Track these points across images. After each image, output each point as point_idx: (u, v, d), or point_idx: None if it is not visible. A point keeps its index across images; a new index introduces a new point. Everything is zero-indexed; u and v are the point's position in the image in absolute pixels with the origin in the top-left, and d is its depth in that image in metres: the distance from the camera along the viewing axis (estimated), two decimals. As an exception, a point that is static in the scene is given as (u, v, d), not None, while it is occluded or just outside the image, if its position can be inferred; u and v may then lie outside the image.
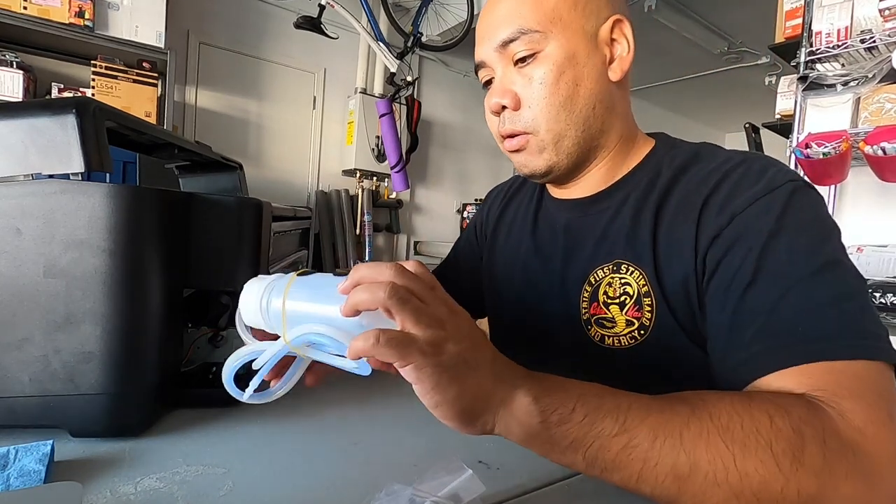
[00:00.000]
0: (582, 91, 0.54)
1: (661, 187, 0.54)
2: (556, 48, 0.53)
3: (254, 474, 0.38)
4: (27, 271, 0.39)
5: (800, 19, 1.98)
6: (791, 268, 0.43)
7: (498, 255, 0.73)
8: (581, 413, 0.34)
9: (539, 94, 0.54)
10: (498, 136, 0.60)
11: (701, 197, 0.50)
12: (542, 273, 0.64)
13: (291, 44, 3.27)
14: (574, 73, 0.54)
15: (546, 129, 0.55)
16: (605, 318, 0.55)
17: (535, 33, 0.53)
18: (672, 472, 0.33)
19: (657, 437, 0.34)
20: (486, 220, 0.80)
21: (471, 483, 0.33)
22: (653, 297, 0.52)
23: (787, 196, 0.46)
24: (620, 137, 0.59)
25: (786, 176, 0.48)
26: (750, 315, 0.43)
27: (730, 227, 0.47)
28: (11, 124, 0.40)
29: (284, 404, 0.52)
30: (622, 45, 0.56)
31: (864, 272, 1.84)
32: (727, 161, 0.52)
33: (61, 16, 2.18)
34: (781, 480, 0.33)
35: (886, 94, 1.76)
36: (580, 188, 0.62)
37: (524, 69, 0.55)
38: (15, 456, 0.34)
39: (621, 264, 0.55)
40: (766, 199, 0.46)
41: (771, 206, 0.46)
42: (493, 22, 0.56)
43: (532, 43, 0.54)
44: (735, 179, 0.49)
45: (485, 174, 4.43)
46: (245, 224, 0.48)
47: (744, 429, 0.34)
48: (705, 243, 0.49)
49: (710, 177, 0.51)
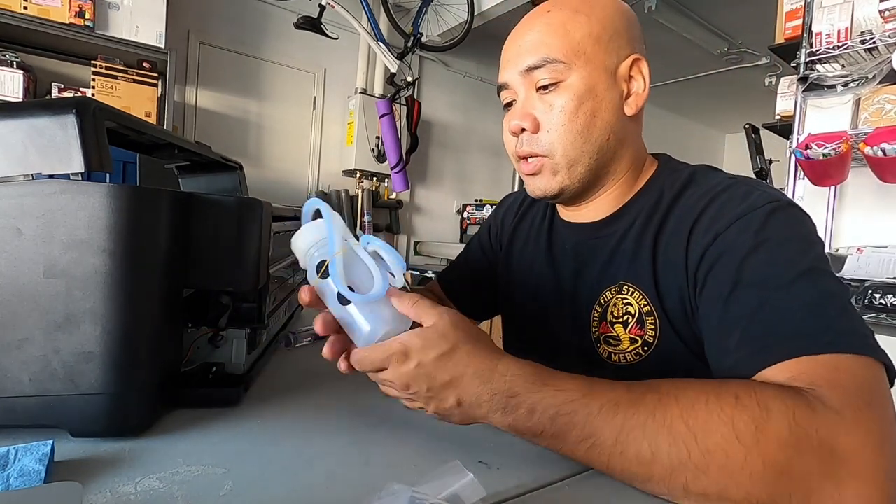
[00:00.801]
0: (598, 122, 0.57)
1: (661, 211, 0.58)
2: (577, 79, 0.56)
3: (254, 474, 0.38)
4: (27, 271, 0.39)
5: (800, 20, 1.98)
6: (769, 278, 0.46)
7: (514, 266, 0.77)
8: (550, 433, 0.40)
9: (558, 120, 0.57)
10: (514, 155, 0.63)
11: (691, 219, 0.54)
12: (555, 291, 0.68)
13: (291, 44, 3.27)
14: (592, 104, 0.57)
15: (562, 154, 0.58)
16: (612, 337, 0.60)
17: (560, 63, 0.56)
18: (636, 459, 0.38)
19: (620, 432, 0.38)
20: (501, 227, 0.83)
21: (471, 487, 0.33)
22: (655, 315, 0.56)
23: (765, 215, 0.49)
24: (630, 166, 0.63)
25: (767, 197, 0.51)
26: (732, 322, 0.46)
27: (713, 246, 0.51)
28: (11, 124, 0.40)
29: (284, 404, 0.52)
30: (639, 82, 0.59)
31: (864, 273, 1.85)
32: (717, 185, 0.56)
33: (61, 16, 2.18)
34: (742, 451, 0.35)
35: (886, 95, 1.76)
36: (589, 212, 0.65)
37: (545, 96, 0.58)
38: (15, 456, 0.34)
39: (623, 285, 0.59)
40: (745, 218, 0.50)
41: (750, 223, 0.49)
42: (521, 48, 0.59)
43: (556, 72, 0.57)
44: (721, 202, 0.53)
45: (485, 174, 4.43)
46: (245, 224, 0.48)
47: (707, 407, 0.37)
48: (694, 262, 0.52)
49: (699, 201, 0.55)
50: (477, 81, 4.26)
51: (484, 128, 4.35)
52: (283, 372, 0.64)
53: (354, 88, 3.46)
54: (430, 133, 4.02)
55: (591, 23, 0.57)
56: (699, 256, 0.52)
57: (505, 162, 4.46)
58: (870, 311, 1.64)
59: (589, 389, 0.40)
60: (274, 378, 0.61)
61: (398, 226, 3.85)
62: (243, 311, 0.55)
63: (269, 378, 0.60)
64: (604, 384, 0.41)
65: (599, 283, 0.61)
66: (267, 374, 0.62)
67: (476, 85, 4.26)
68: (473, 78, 4.23)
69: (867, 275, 1.77)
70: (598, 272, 0.62)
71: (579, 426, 0.39)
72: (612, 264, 0.61)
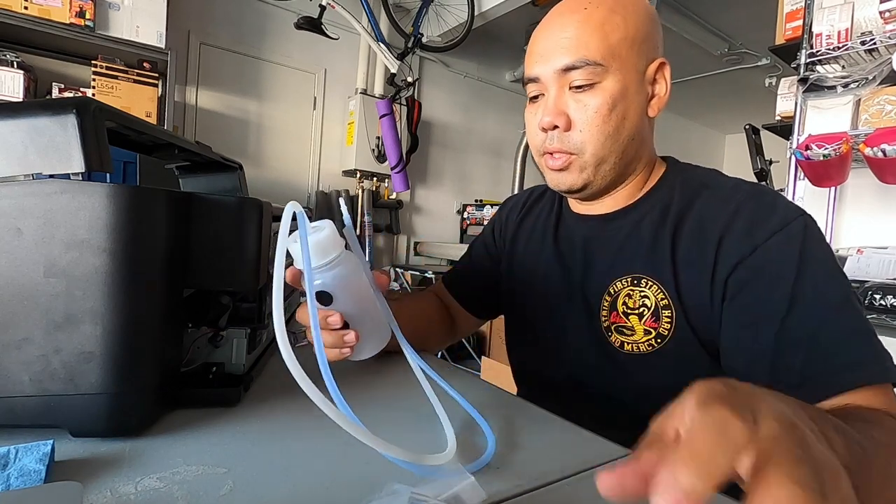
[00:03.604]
0: (627, 124, 0.59)
1: (675, 211, 0.61)
2: (613, 82, 0.58)
3: (254, 474, 0.38)
4: (27, 271, 0.39)
5: (800, 21, 1.98)
6: (823, 297, 0.50)
7: (518, 262, 0.78)
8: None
9: (592, 121, 0.58)
10: (539, 150, 0.64)
11: (718, 224, 0.56)
12: (563, 282, 0.69)
13: (292, 44, 3.27)
14: (624, 106, 0.58)
15: (591, 153, 0.60)
16: (625, 327, 0.61)
17: (598, 66, 0.57)
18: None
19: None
20: (504, 225, 0.84)
21: (472, 489, 0.33)
22: (672, 309, 0.58)
23: (802, 230, 0.53)
24: (646, 164, 0.65)
25: (794, 209, 0.55)
26: (794, 343, 0.49)
27: (753, 256, 0.53)
28: (11, 124, 0.40)
29: (284, 404, 0.52)
30: (661, 85, 0.61)
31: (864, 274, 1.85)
32: (737, 191, 0.58)
33: (62, 16, 2.19)
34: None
35: (887, 96, 1.76)
36: (602, 205, 0.67)
37: (579, 95, 0.59)
38: (15, 456, 0.34)
39: (641, 279, 0.61)
40: (784, 232, 0.53)
41: (790, 239, 0.52)
42: (557, 45, 0.58)
43: (593, 74, 0.57)
44: (751, 210, 0.56)
45: (485, 174, 4.43)
46: (245, 224, 0.48)
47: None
48: (727, 268, 0.54)
49: (724, 205, 0.57)
50: (477, 81, 4.26)
51: (484, 128, 4.35)
52: (283, 372, 0.64)
53: (355, 88, 3.46)
54: (430, 133, 4.02)
55: (626, 25, 0.57)
56: (733, 264, 0.54)
57: (505, 162, 4.46)
58: (870, 311, 1.64)
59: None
60: (274, 378, 0.61)
61: (398, 226, 3.85)
62: (243, 311, 0.55)
63: (269, 378, 0.60)
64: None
65: (610, 273, 0.63)
66: (267, 374, 0.62)
67: (476, 85, 4.26)
68: (474, 78, 4.23)
69: (867, 276, 1.77)
70: (608, 262, 0.64)
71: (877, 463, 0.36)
72: (623, 255, 0.63)
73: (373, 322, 0.49)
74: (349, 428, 0.32)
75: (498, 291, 0.82)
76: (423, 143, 3.70)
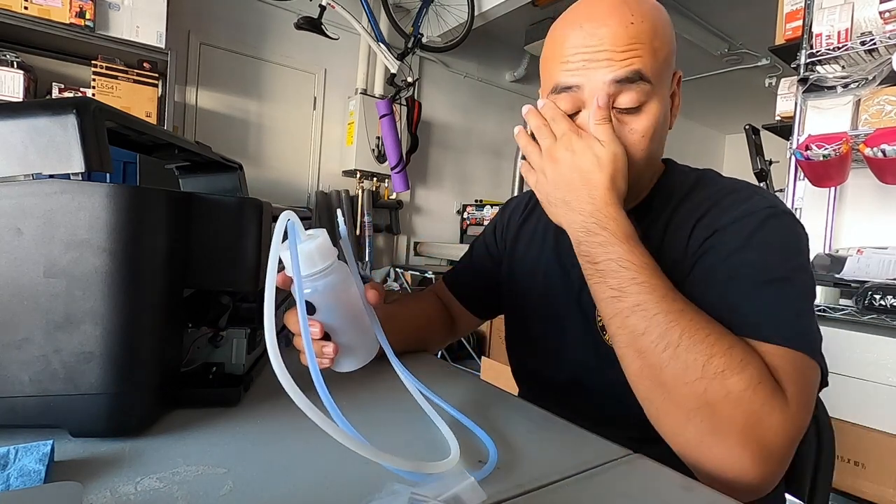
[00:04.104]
0: (660, 145, 0.59)
1: (668, 211, 0.61)
2: (657, 104, 0.54)
3: (254, 474, 0.38)
4: (27, 271, 0.39)
5: (800, 21, 1.98)
6: (743, 278, 0.51)
7: (518, 262, 0.78)
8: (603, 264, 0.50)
9: (638, 145, 0.55)
10: None
11: (696, 216, 0.58)
12: (562, 284, 0.69)
13: (292, 44, 3.27)
14: (663, 129, 0.58)
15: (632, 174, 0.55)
16: None
17: (649, 85, 0.53)
18: (632, 328, 0.48)
19: (637, 305, 0.47)
20: (506, 227, 0.84)
21: (472, 490, 0.33)
22: None
23: (760, 220, 0.53)
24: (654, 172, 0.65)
25: (766, 203, 0.55)
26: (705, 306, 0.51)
27: (711, 238, 0.55)
28: (11, 124, 0.40)
29: (284, 404, 0.52)
30: (677, 96, 0.61)
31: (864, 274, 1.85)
32: (721, 189, 0.59)
33: (62, 16, 2.18)
34: (697, 377, 0.44)
35: (886, 97, 1.76)
36: None
37: (624, 116, 0.54)
38: (15, 456, 0.34)
39: None
40: (743, 220, 0.54)
41: (745, 226, 0.53)
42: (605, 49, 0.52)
43: (643, 94, 0.53)
44: (725, 204, 0.57)
45: (485, 175, 4.43)
46: (245, 224, 0.48)
47: (707, 337, 0.45)
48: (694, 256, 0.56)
49: (705, 200, 0.58)
50: (477, 82, 4.26)
51: (484, 128, 4.35)
52: (282, 372, 0.64)
53: (355, 89, 3.46)
54: (430, 133, 4.02)
55: (665, 43, 0.54)
56: (697, 247, 0.56)
57: (505, 162, 4.46)
58: (870, 312, 1.64)
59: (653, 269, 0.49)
60: (274, 378, 0.60)
61: (398, 226, 3.85)
62: (243, 311, 0.55)
63: (269, 378, 0.60)
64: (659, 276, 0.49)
65: None
66: (267, 374, 0.62)
67: (476, 85, 4.26)
68: (474, 78, 4.23)
69: (867, 276, 1.77)
70: None
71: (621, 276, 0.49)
72: None
73: (358, 335, 0.47)
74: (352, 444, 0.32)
75: (498, 292, 0.82)
76: (423, 143, 3.69)
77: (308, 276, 0.42)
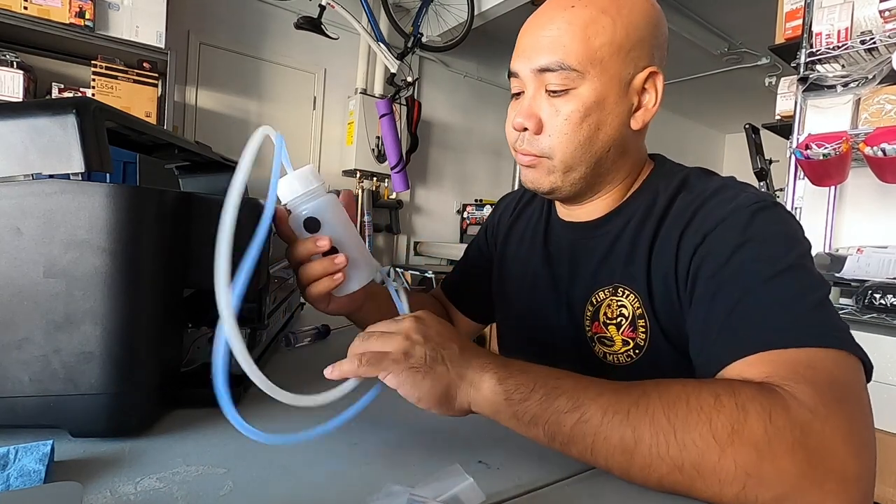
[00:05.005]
0: (601, 135, 0.56)
1: (656, 214, 0.58)
2: (588, 90, 0.55)
3: (254, 474, 0.38)
4: (27, 271, 0.39)
5: (800, 20, 1.98)
6: (751, 274, 0.47)
7: (509, 265, 0.76)
8: (540, 392, 0.40)
9: (561, 128, 0.56)
10: (512, 147, 0.62)
11: (682, 223, 0.55)
12: (550, 289, 0.67)
13: (292, 44, 3.27)
14: (599, 117, 0.55)
15: (560, 160, 0.57)
16: (605, 337, 0.60)
17: (573, 71, 0.54)
18: (620, 446, 0.38)
19: (606, 413, 0.39)
20: (497, 226, 0.82)
21: (471, 490, 0.33)
22: (646, 318, 0.56)
23: (750, 214, 0.51)
24: (629, 173, 0.62)
25: (753, 198, 0.52)
26: (715, 318, 0.47)
27: (702, 246, 0.52)
28: (11, 124, 0.40)
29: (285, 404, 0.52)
30: (651, 96, 0.58)
31: (864, 273, 1.85)
32: (706, 189, 0.57)
33: (62, 16, 2.18)
34: (717, 451, 0.36)
35: (886, 96, 1.76)
36: (584, 212, 0.65)
37: (554, 99, 0.56)
38: (15, 456, 0.34)
39: (619, 287, 0.59)
40: (732, 218, 0.51)
41: (736, 223, 0.50)
42: (537, 43, 0.56)
43: (567, 80, 0.55)
44: (711, 205, 0.54)
45: (485, 174, 4.43)
46: (245, 224, 0.48)
47: (689, 406, 0.38)
48: (685, 264, 0.53)
49: (690, 205, 0.55)
50: (477, 81, 4.26)
51: (484, 128, 4.35)
52: (283, 372, 0.64)
53: (354, 88, 3.46)
54: (430, 133, 4.02)
55: (615, 28, 0.54)
56: (689, 258, 0.52)
57: (505, 162, 4.46)
58: (870, 311, 1.64)
59: (578, 377, 0.43)
60: (274, 378, 0.60)
61: (398, 226, 3.85)
62: (243, 311, 0.55)
63: (269, 378, 0.60)
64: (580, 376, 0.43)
65: (593, 283, 0.61)
66: (267, 374, 0.62)
67: (476, 85, 4.26)
68: (473, 78, 4.22)
69: (867, 275, 1.77)
70: (592, 271, 0.62)
71: (568, 394, 0.40)
72: (607, 264, 0.61)
73: (360, 249, 0.52)
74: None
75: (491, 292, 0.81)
76: (422, 143, 3.69)
77: (308, 192, 0.48)
